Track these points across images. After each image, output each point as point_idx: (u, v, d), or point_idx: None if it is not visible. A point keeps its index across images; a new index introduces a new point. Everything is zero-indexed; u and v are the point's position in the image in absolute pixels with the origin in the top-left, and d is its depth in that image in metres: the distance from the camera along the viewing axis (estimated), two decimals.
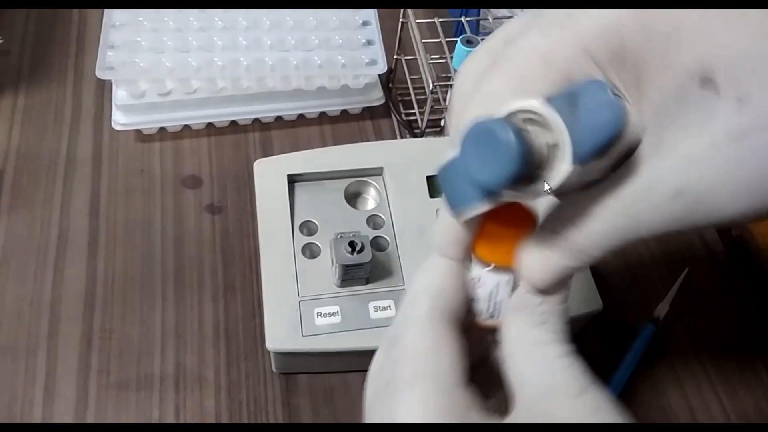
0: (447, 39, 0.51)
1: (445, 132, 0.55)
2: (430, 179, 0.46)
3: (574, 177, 0.21)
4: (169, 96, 0.53)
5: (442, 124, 0.56)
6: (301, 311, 0.41)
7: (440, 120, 0.56)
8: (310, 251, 0.44)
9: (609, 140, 0.20)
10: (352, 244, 0.41)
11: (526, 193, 0.22)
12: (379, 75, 0.56)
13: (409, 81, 0.57)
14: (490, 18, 0.54)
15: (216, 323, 0.46)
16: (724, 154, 0.19)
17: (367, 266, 0.41)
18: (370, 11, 0.58)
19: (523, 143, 0.20)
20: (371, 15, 0.58)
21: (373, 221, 0.46)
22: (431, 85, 0.47)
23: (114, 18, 0.55)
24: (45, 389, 0.43)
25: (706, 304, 0.50)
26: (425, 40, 0.50)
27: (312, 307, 0.41)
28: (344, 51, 0.56)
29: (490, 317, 0.27)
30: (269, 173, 0.46)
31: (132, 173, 0.53)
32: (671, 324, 0.48)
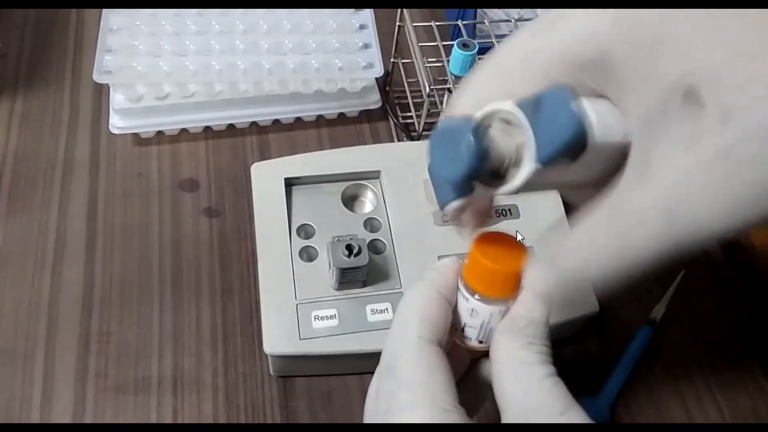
0: (444, 42, 0.51)
1: None
2: (428, 182, 0.46)
3: (540, 176, 0.23)
4: (167, 100, 0.53)
5: None
6: (299, 314, 0.41)
7: (437, 123, 0.56)
8: (308, 254, 0.44)
9: (566, 145, 0.22)
10: (349, 248, 0.41)
11: (497, 189, 0.24)
12: (376, 78, 0.56)
13: (406, 84, 0.57)
14: (487, 21, 0.55)
15: (213, 326, 0.46)
16: (712, 170, 0.20)
17: (364, 269, 0.41)
18: (367, 15, 0.58)
19: (480, 142, 0.22)
20: (368, 18, 0.58)
21: (370, 224, 0.46)
22: (428, 89, 0.48)
23: (111, 22, 0.55)
24: (43, 392, 0.43)
25: (703, 306, 0.50)
26: (422, 44, 0.50)
27: (309, 310, 0.41)
28: (341, 54, 0.56)
29: (479, 342, 0.29)
30: (266, 176, 0.46)
31: (129, 177, 0.53)
32: (668, 326, 0.48)
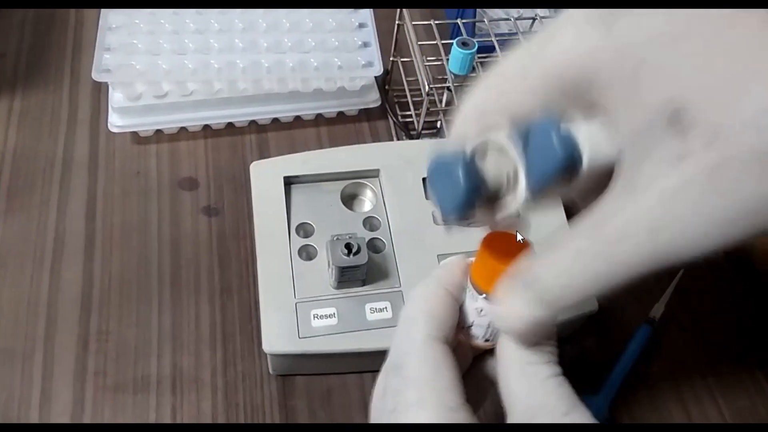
0: (443, 41, 0.51)
1: (446, 136, 0.55)
2: (426, 181, 0.46)
3: (533, 200, 0.24)
4: (166, 98, 0.53)
5: (439, 126, 0.56)
6: (298, 313, 0.41)
7: (436, 122, 0.57)
8: (307, 253, 0.44)
9: (555, 173, 0.22)
10: (349, 246, 0.41)
11: (495, 212, 0.25)
12: (376, 77, 0.56)
13: (406, 83, 0.57)
14: (486, 20, 0.54)
15: (213, 325, 0.46)
16: (697, 191, 0.20)
17: (364, 268, 0.41)
18: (367, 14, 0.58)
19: (471, 180, 0.24)
20: (367, 17, 0.58)
21: (370, 223, 0.46)
22: (427, 87, 0.48)
23: (110, 20, 0.55)
24: (42, 392, 0.43)
25: (703, 306, 0.50)
26: (421, 42, 0.50)
27: (308, 309, 0.41)
28: (341, 53, 0.56)
29: (485, 341, 0.29)
30: (266, 175, 0.46)
31: (128, 175, 0.53)
32: (667, 325, 0.48)
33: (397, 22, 0.54)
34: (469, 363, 0.31)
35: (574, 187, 0.24)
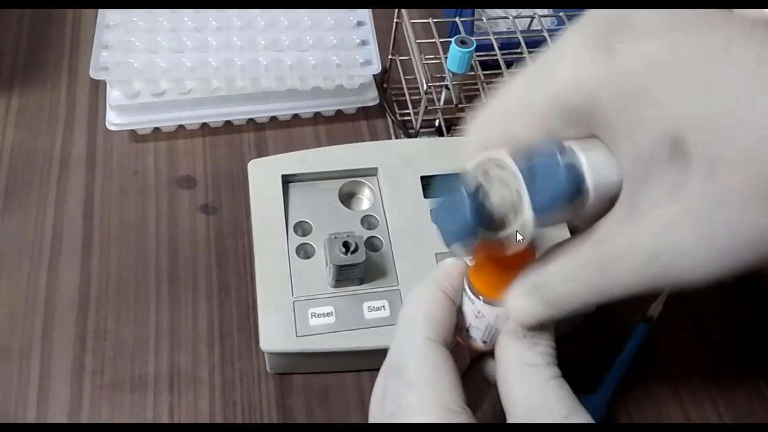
0: (441, 39, 0.51)
1: (444, 135, 0.55)
2: (425, 179, 0.46)
3: (540, 224, 0.24)
4: (164, 96, 0.53)
5: (437, 125, 0.56)
6: (296, 311, 0.41)
7: (434, 120, 0.56)
8: (305, 251, 0.44)
9: (559, 199, 0.23)
10: (346, 245, 0.41)
11: (501, 235, 0.25)
12: (374, 75, 0.56)
13: (404, 81, 0.57)
14: (485, 18, 0.54)
15: (210, 323, 0.46)
16: (698, 221, 0.20)
17: (361, 266, 0.41)
18: (365, 12, 0.58)
19: (476, 212, 0.24)
20: (366, 15, 0.58)
21: (368, 221, 0.46)
22: (425, 86, 0.48)
23: (108, 18, 0.55)
24: (39, 390, 0.43)
25: (701, 305, 0.50)
26: (420, 41, 0.50)
27: (306, 308, 0.41)
28: (339, 51, 0.56)
29: (483, 343, 0.30)
30: (264, 173, 0.46)
31: (126, 174, 0.53)
32: (665, 323, 0.48)
33: (396, 21, 0.54)
34: (467, 365, 0.31)
35: (580, 217, 0.24)
